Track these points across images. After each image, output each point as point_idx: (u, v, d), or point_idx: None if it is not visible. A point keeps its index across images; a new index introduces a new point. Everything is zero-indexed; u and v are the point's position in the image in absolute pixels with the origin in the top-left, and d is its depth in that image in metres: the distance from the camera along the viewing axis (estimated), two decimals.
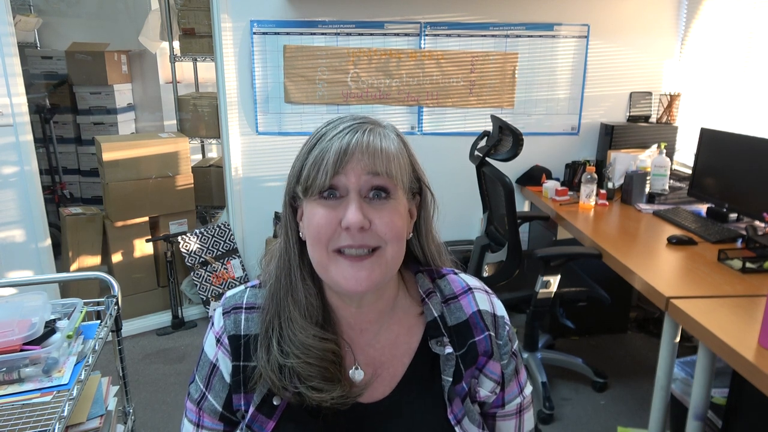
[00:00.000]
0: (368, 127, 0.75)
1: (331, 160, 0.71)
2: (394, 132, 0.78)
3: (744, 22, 2.69)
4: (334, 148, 0.71)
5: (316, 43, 2.98)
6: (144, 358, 2.79)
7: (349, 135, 0.72)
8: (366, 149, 0.72)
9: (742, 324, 1.50)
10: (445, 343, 0.80)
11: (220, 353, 0.80)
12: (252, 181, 3.18)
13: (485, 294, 0.86)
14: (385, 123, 0.79)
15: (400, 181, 0.74)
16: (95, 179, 4.25)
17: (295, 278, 0.79)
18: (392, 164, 0.73)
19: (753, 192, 2.24)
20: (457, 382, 0.80)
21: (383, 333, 0.82)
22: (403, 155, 0.76)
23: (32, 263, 2.70)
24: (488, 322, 0.83)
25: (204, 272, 3.14)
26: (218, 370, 0.81)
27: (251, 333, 0.79)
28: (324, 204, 0.73)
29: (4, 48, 2.43)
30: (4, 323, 1.25)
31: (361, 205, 0.72)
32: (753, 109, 2.63)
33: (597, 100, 3.20)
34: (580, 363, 2.56)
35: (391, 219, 0.73)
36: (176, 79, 3.88)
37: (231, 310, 0.82)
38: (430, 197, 0.82)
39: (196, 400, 0.83)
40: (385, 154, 0.73)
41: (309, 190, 0.73)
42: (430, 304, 0.82)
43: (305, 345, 0.75)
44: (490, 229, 2.60)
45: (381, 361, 0.81)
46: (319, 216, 0.73)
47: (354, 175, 0.71)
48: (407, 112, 3.14)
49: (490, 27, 3.04)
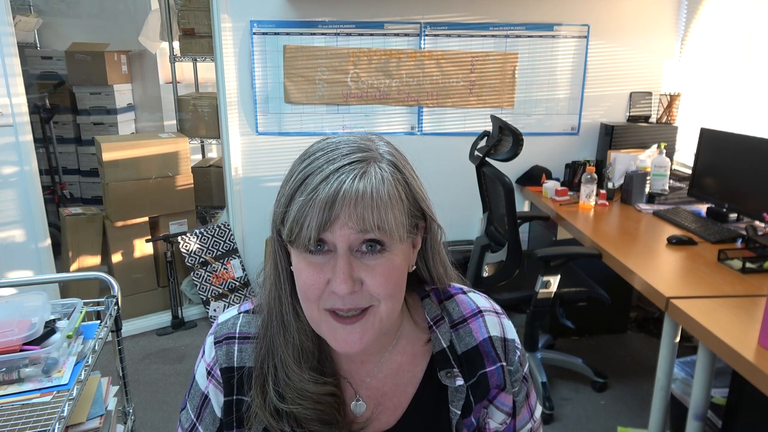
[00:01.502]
0: (361, 168, 0.64)
1: (315, 219, 0.62)
2: (391, 165, 0.68)
3: (744, 22, 2.69)
4: (319, 201, 0.62)
5: (316, 43, 2.98)
6: (144, 358, 2.79)
7: (337, 183, 0.63)
8: (356, 203, 0.62)
9: (742, 324, 1.50)
10: (456, 374, 0.76)
11: (211, 386, 0.77)
12: (252, 181, 3.18)
13: (495, 316, 0.81)
14: (381, 151, 0.68)
15: (396, 234, 0.65)
16: (95, 179, 4.25)
17: (288, 316, 0.73)
18: (387, 217, 0.64)
19: (753, 192, 2.24)
20: (466, 416, 0.76)
21: (385, 363, 0.77)
22: (401, 197, 0.66)
23: (32, 263, 2.70)
24: (499, 349, 0.78)
25: (204, 272, 3.14)
26: (209, 402, 0.77)
27: (245, 365, 0.75)
28: (310, 261, 0.66)
29: (4, 48, 2.43)
30: (4, 323, 1.25)
31: (350, 265, 0.64)
32: (753, 109, 2.63)
33: (597, 100, 3.20)
34: (580, 363, 2.56)
35: (385, 277, 0.66)
36: (176, 79, 3.88)
37: (223, 339, 0.77)
38: (436, 227, 0.74)
39: (187, 429, 0.79)
40: (378, 205, 0.63)
41: (293, 243, 0.66)
42: (438, 334, 0.77)
43: (301, 390, 0.71)
44: (490, 229, 2.60)
45: (383, 391, 0.77)
46: (306, 274, 0.66)
47: (342, 235, 0.63)
48: (407, 112, 3.14)
49: (490, 27, 3.04)
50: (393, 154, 0.70)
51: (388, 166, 0.67)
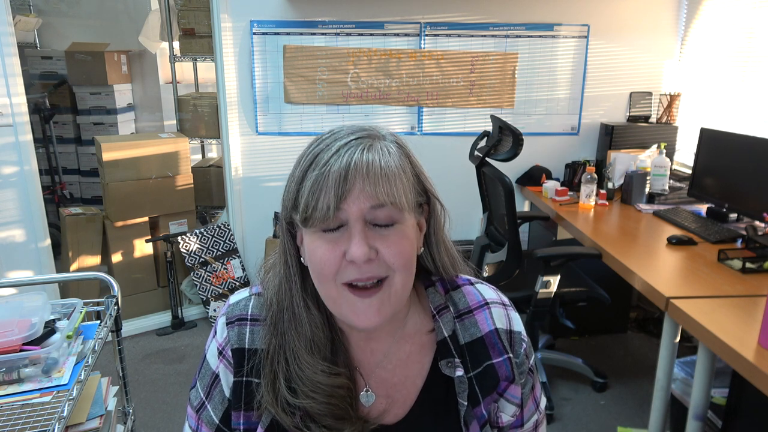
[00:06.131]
0: (367, 142, 0.68)
1: (330, 188, 0.65)
2: (394, 143, 0.72)
3: (744, 22, 2.69)
4: (333, 174, 0.65)
5: (316, 43, 2.98)
6: (144, 359, 2.79)
7: (347, 155, 0.66)
8: (367, 173, 0.66)
9: (742, 324, 1.50)
10: (456, 364, 0.76)
11: (222, 366, 0.77)
12: (252, 181, 3.18)
13: (502, 308, 0.81)
14: (384, 132, 0.73)
15: (405, 204, 0.68)
16: (95, 179, 4.25)
17: (299, 308, 0.74)
18: (396, 188, 0.67)
19: (753, 192, 2.24)
20: (475, 406, 0.76)
21: (393, 353, 0.78)
22: (406, 171, 0.70)
23: (32, 263, 2.70)
24: (506, 341, 0.79)
25: (204, 272, 3.14)
26: (219, 381, 0.78)
27: (256, 347, 0.76)
28: (325, 238, 0.68)
29: (4, 48, 2.43)
30: (4, 323, 1.25)
31: (365, 235, 0.66)
32: (753, 109, 2.63)
33: (597, 100, 3.20)
34: (580, 363, 2.56)
35: (400, 246, 0.68)
36: (176, 79, 3.88)
37: (235, 320, 0.78)
38: (440, 207, 0.77)
39: (196, 407, 0.80)
40: (387, 177, 0.66)
41: (308, 221, 0.68)
42: (440, 322, 0.78)
43: (313, 382, 0.72)
44: (490, 229, 2.60)
45: (392, 382, 0.77)
46: (322, 251, 0.68)
47: (356, 207, 0.66)
48: (407, 112, 3.14)
49: (490, 27, 3.04)
50: (395, 135, 0.74)
51: (392, 144, 0.71)
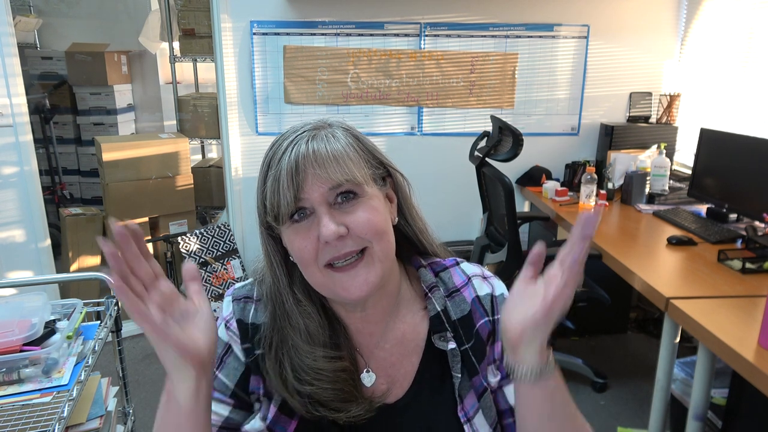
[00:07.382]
0: (311, 134, 0.73)
1: (285, 183, 0.70)
2: (340, 128, 0.76)
3: (744, 22, 2.69)
4: (284, 169, 0.71)
5: (316, 43, 2.98)
6: (144, 359, 2.79)
7: (294, 150, 0.72)
8: (315, 160, 0.71)
9: (742, 324, 1.50)
10: (449, 338, 0.80)
11: (230, 337, 0.81)
12: (252, 181, 3.17)
13: (482, 279, 0.85)
14: (332, 121, 0.77)
15: (361, 178, 0.73)
16: (95, 179, 4.25)
17: (289, 304, 0.78)
18: (347, 165, 0.72)
19: (753, 192, 2.24)
20: (473, 376, 0.80)
21: (389, 332, 0.82)
22: (354, 149, 0.75)
23: (32, 263, 2.70)
24: (487, 305, 0.82)
25: (204, 273, 3.14)
26: (232, 350, 0.81)
27: (259, 322, 0.80)
28: (297, 228, 0.73)
29: (4, 48, 2.44)
30: (4, 323, 1.25)
31: (332, 215, 0.71)
32: (753, 109, 2.63)
33: (597, 101, 3.20)
34: (580, 363, 2.56)
35: (367, 217, 0.72)
36: (176, 79, 3.88)
37: (242, 298, 0.83)
38: (401, 177, 0.82)
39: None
40: (335, 157, 0.71)
41: (278, 218, 0.73)
42: (432, 299, 0.82)
43: (315, 369, 0.75)
44: (490, 230, 2.60)
45: (391, 362, 0.81)
46: (299, 240, 0.73)
47: (315, 191, 0.71)
48: (407, 112, 3.14)
49: (490, 27, 3.04)
50: (344, 124, 0.78)
51: (337, 130, 0.76)
